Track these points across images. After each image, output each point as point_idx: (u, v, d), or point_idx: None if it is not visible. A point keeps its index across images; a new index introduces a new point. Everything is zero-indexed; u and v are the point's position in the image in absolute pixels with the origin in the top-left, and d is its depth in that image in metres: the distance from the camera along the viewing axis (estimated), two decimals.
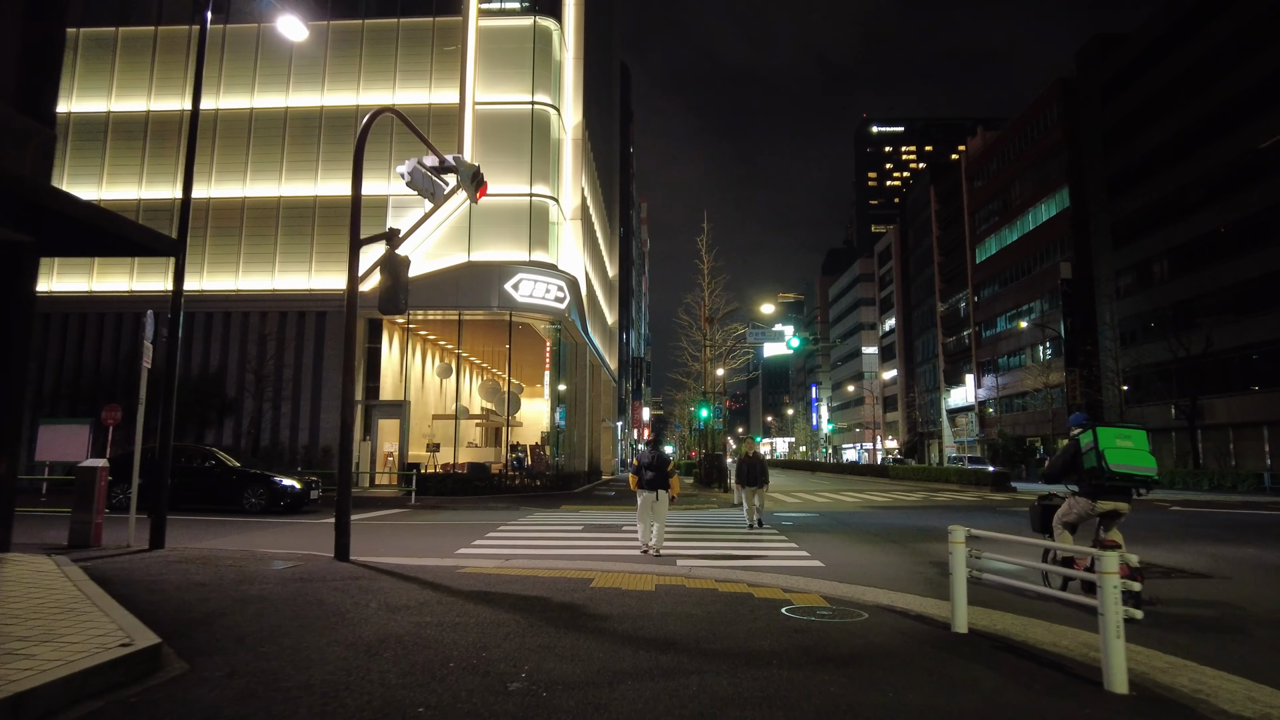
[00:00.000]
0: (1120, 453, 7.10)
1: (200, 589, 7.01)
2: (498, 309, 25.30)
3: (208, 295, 26.35)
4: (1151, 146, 45.52)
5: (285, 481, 17.17)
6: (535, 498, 23.53)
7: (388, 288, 9.49)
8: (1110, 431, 7.25)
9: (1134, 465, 7.08)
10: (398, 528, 14.77)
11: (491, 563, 9.60)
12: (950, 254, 77.47)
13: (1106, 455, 7.10)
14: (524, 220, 25.82)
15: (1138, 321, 46.84)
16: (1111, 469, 7.06)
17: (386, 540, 12.65)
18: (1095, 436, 7.25)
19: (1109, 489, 7.26)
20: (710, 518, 17.62)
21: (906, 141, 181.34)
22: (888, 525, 15.95)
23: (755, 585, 8.07)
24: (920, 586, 8.51)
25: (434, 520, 16.39)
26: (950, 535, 6.17)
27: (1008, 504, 23.08)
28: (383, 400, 26.74)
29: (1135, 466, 7.08)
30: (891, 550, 11.68)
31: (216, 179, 27.07)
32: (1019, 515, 18.61)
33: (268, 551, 10.03)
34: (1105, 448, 7.14)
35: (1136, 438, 7.25)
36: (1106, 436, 7.22)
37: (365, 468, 26.02)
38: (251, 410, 25.49)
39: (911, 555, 11.10)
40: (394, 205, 26.17)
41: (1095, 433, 7.28)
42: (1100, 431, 7.26)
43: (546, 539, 12.87)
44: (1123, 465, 7.07)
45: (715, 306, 34.59)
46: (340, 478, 9.42)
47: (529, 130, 26.15)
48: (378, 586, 7.46)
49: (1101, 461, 7.11)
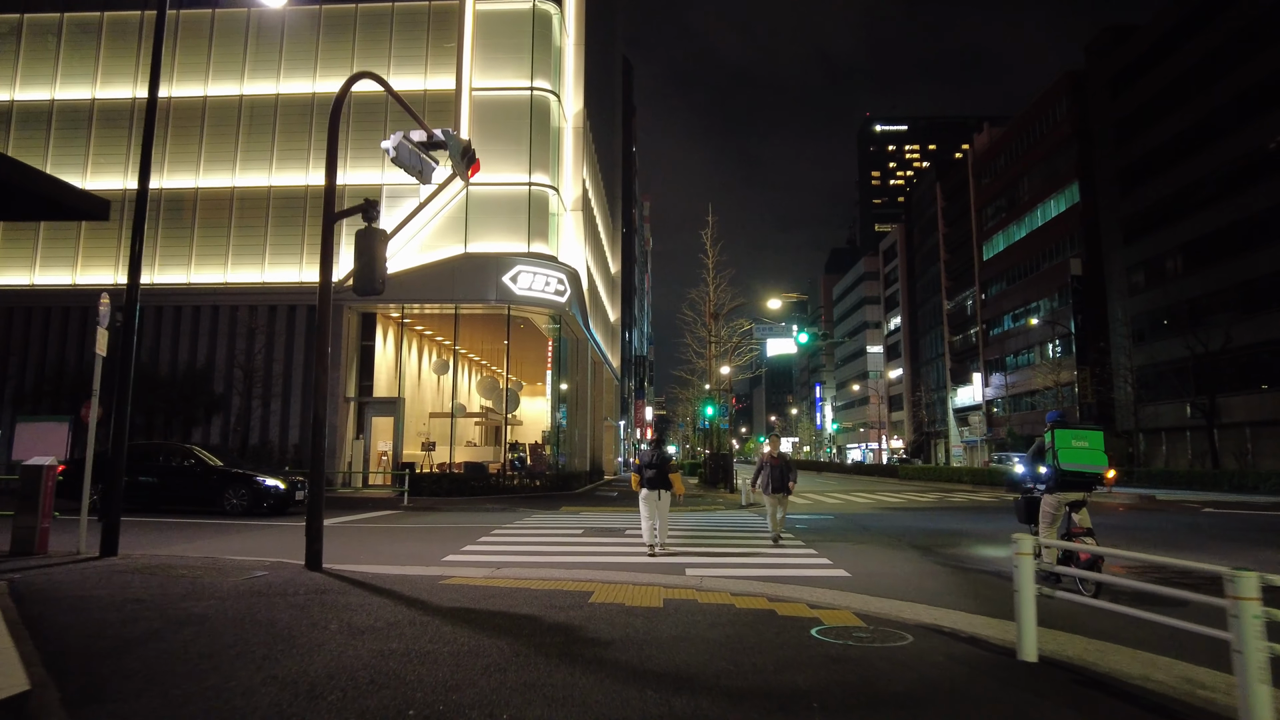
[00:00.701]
0: (1073, 452, 7.84)
1: (134, 607, 6.05)
2: (495, 302, 24.33)
3: (195, 288, 25.43)
4: (1164, 139, 44.46)
5: (268, 481, 16.22)
6: (534, 499, 22.58)
7: (363, 265, 8.55)
8: (1067, 433, 7.93)
9: (1084, 464, 7.82)
10: (385, 531, 13.82)
11: (480, 572, 8.65)
12: (956, 251, 76.44)
13: (1060, 455, 7.85)
14: (522, 210, 24.84)
15: (1151, 318, 45.81)
16: (1063, 467, 7.83)
17: (370, 545, 11.70)
18: (1054, 438, 7.95)
19: (1066, 484, 7.99)
20: (718, 520, 16.65)
21: (910, 140, 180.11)
22: (908, 528, 14.98)
23: (776, 600, 7.11)
24: (964, 600, 7.54)
25: (425, 523, 15.44)
26: (1015, 545, 5.19)
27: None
28: (376, 397, 25.79)
29: (1086, 465, 7.82)
30: (920, 557, 10.71)
31: (205, 168, 26.13)
32: None
33: (234, 559, 9.08)
34: (1060, 448, 7.87)
35: (1093, 438, 7.92)
36: (1063, 438, 7.91)
37: (358, 467, 25.08)
38: (240, 407, 24.56)
39: (943, 562, 10.13)
40: (387, 194, 25.20)
41: (1054, 434, 7.96)
42: (1058, 433, 7.93)
43: (543, 544, 11.91)
44: (1073, 464, 7.82)
45: (720, 302, 33.60)
46: (312, 477, 8.47)
47: (528, 117, 25.17)
48: (345, 602, 6.50)
49: (1055, 460, 7.88)
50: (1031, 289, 60.04)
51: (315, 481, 8.48)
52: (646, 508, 10.71)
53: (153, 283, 25.65)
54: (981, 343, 68.90)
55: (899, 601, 7.19)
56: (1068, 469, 7.85)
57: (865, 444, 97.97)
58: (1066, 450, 7.87)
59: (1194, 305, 40.86)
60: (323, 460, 8.60)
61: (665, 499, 10.72)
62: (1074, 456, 7.84)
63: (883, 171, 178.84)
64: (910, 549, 11.54)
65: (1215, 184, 40.15)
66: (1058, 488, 8.08)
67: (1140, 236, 46.88)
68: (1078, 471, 7.85)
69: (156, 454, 16.81)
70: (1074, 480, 7.94)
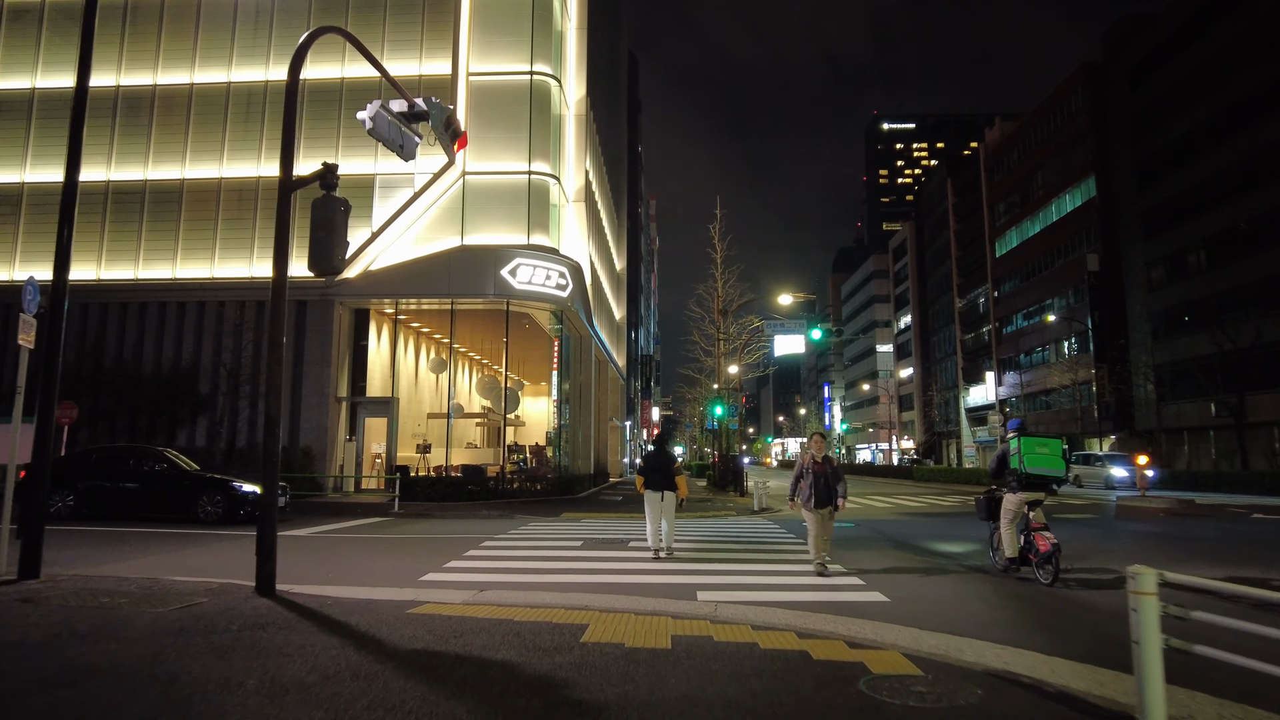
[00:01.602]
0: (1036, 458, 8.67)
1: (7, 654, 4.87)
2: (493, 297, 23.13)
3: (181, 284, 24.29)
4: (1186, 130, 43.06)
5: (245, 487, 15.06)
6: (534, 503, 21.40)
7: (320, 240, 7.38)
8: (1031, 441, 8.83)
9: (1046, 468, 8.68)
10: (366, 542, 12.64)
11: (460, 595, 7.47)
12: (968, 248, 75.06)
13: (1025, 460, 8.67)
14: (522, 200, 23.64)
15: (1172, 315, 44.41)
16: (1027, 471, 8.68)
17: (344, 560, 10.51)
18: (1020, 445, 8.79)
19: (1029, 485, 8.80)
20: (730, 529, 15.43)
21: (918, 138, 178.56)
22: (939, 537, 13.73)
23: (807, 635, 5.90)
24: (1031, 635, 6.31)
25: (412, 532, 14.26)
26: (1133, 582, 3.95)
27: (1057, 509, 20.80)
28: (370, 397, 24.62)
29: (1047, 469, 8.68)
30: (961, 574, 9.47)
31: (191, 159, 25.01)
32: (1108, 527, 16.38)
33: (177, 580, 7.91)
34: (1025, 454, 8.70)
35: (1052, 446, 8.84)
36: (1028, 445, 8.77)
37: (350, 471, 23.93)
38: (227, 408, 23.44)
39: (992, 583, 8.89)
40: (380, 185, 24.05)
41: (1020, 442, 8.82)
42: (1024, 441, 8.81)
43: (538, 558, 10.71)
44: (1036, 468, 8.65)
45: (729, 297, 32.43)
46: (265, 484, 7.31)
47: (527, 102, 23.97)
48: (284, 642, 5.31)
49: (1020, 464, 8.72)
50: (1046, 286, 58.67)
51: (269, 490, 7.32)
52: (651, 510, 10.52)
53: (137, 278, 24.58)
54: (994, 341, 67.51)
55: (954, 637, 5.97)
56: (1032, 472, 8.69)
57: (875, 444, 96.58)
58: (1031, 456, 8.71)
59: (1220, 300, 39.42)
60: (275, 465, 7.44)
61: (670, 500, 10.49)
62: (1037, 461, 8.68)
63: (890, 170, 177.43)
64: (947, 563, 10.31)
65: (1241, 175, 38.75)
66: (1021, 488, 8.86)
67: (1161, 231, 45.47)
68: (1040, 475, 8.71)
69: (126, 458, 15.68)
70: (1036, 482, 8.78)
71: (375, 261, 23.62)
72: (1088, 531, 14.96)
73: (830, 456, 9.56)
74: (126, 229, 24.81)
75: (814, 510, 9.23)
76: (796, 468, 9.65)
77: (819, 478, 9.30)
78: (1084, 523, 17.03)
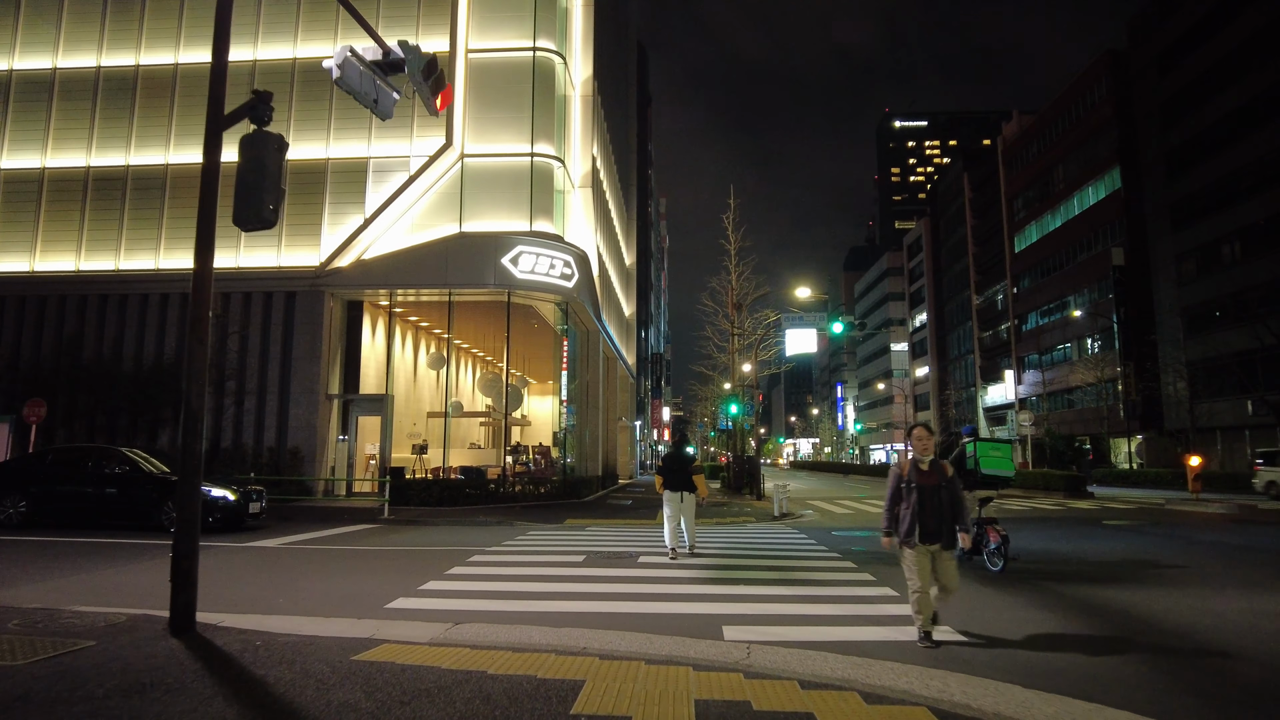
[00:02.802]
0: (990, 460, 9.56)
1: None
2: (494, 287, 21.59)
3: (165, 274, 22.84)
4: (1219, 116, 41.23)
5: (214, 492, 13.63)
6: (537, 508, 19.91)
7: (248, 186, 5.90)
8: (986, 445, 9.71)
9: (998, 470, 9.56)
10: (341, 555, 11.17)
11: (428, 631, 5.99)
12: (986, 244, 73.27)
13: (981, 462, 9.55)
14: (524, 184, 22.10)
15: (1203, 309, 42.58)
16: (982, 471, 9.52)
17: (306, 578, 9.03)
18: (975, 448, 9.65)
19: (984, 484, 9.62)
20: (752, 539, 13.89)
21: (930, 136, 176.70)
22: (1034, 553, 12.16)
23: (877, 698, 4.39)
24: (1175, 698, 4.76)
25: (396, 543, 12.79)
26: None
27: (1102, 515, 19.16)
28: (364, 394, 23.13)
29: (999, 471, 9.57)
30: (1038, 599, 7.88)
31: (176, 143, 23.60)
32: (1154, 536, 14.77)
33: (81, 611, 6.44)
34: (981, 456, 9.58)
35: (1004, 449, 9.75)
36: (983, 449, 9.65)
37: (341, 473, 22.46)
38: (211, 407, 22.02)
39: (1080, 612, 7.30)
40: (374, 169, 22.54)
41: (976, 445, 9.68)
42: (979, 444, 9.67)
43: (531, 576, 9.21)
44: (991, 469, 9.53)
45: (744, 291, 30.90)
46: (180, 494, 5.84)
47: (530, 80, 22.44)
48: (162, 714, 3.83)
49: (975, 466, 9.57)
50: (1068, 281, 56.90)
51: (187, 496, 5.84)
52: (670, 509, 10.52)
53: (118, 269, 23.20)
54: (1014, 338, 65.70)
55: (1077, 702, 4.44)
56: (986, 473, 9.50)
57: (889, 444, 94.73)
58: (986, 458, 9.54)
59: (1258, 293, 37.55)
60: (196, 468, 5.96)
61: (689, 501, 10.58)
62: (991, 464, 9.52)
63: (902, 168, 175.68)
64: (1023, 585, 8.73)
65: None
66: (976, 486, 9.60)
67: (1191, 222, 43.65)
68: (992, 475, 9.53)
69: (85, 459, 14.26)
70: (990, 481, 9.60)
71: (369, 250, 22.17)
72: (1147, 543, 13.34)
73: (943, 463, 6.20)
74: (107, 217, 23.43)
75: (918, 545, 5.96)
76: (892, 481, 6.26)
77: (931, 494, 6.00)
78: (1133, 532, 15.40)
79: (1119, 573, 9.66)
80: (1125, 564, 10.47)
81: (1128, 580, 9.10)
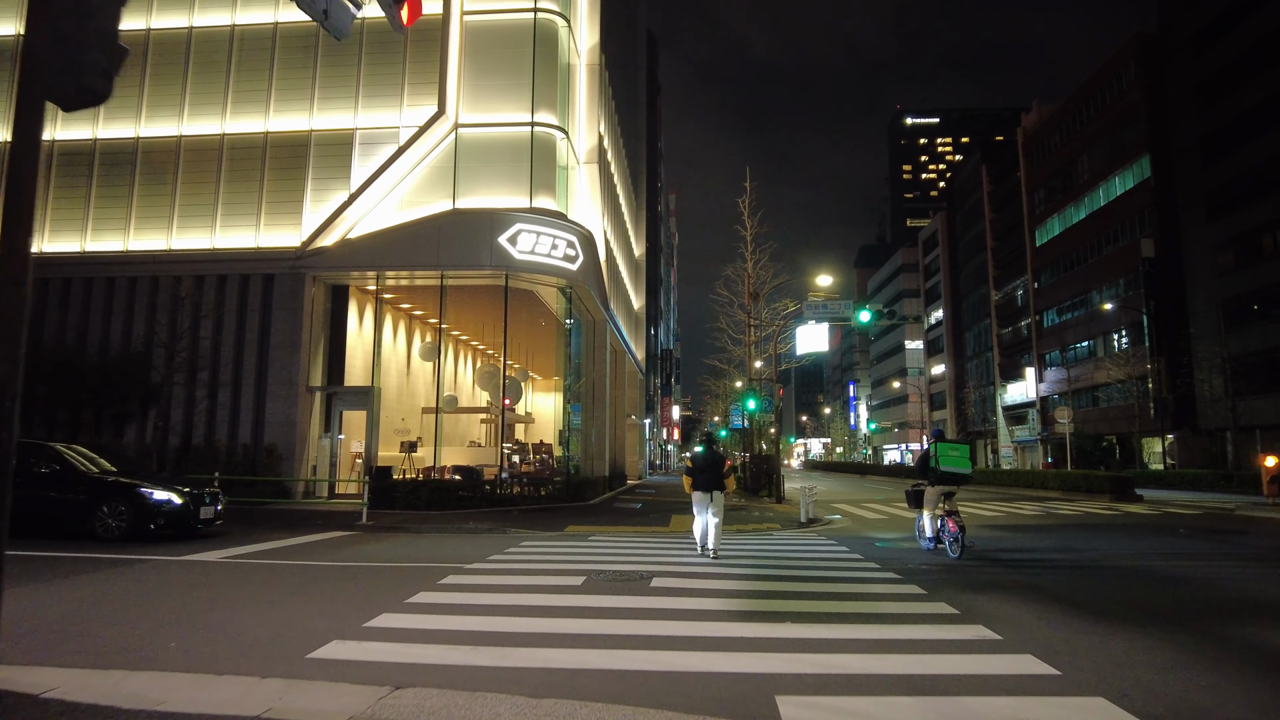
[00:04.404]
0: (949, 459, 10.92)
1: None
2: (490, 269, 19.67)
3: (134, 256, 21.01)
4: (1261, 98, 39.00)
5: (157, 495, 11.71)
6: (537, 512, 17.97)
7: (66, 33, 3.92)
8: (945, 445, 11.03)
9: (955, 468, 10.87)
10: (291, 572, 9.24)
11: (353, 700, 4.06)
12: (1005, 238, 70.97)
13: (940, 461, 10.94)
14: (524, 156, 20.16)
15: (1242, 302, 40.36)
16: (941, 469, 10.94)
17: (222, 607, 7.06)
18: (936, 449, 11.02)
19: (943, 480, 11.03)
20: (781, 550, 11.91)
21: (942, 133, 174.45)
22: (1084, 565, 10.12)
23: None
24: None
25: (363, 557, 10.85)
26: None
27: (1165, 520, 17.11)
28: (349, 387, 21.22)
29: (956, 469, 10.87)
30: (1191, 643, 5.87)
31: (147, 115, 21.78)
32: (1247, 548, 12.73)
33: None
34: (940, 456, 10.94)
35: (962, 450, 11.09)
36: (943, 449, 10.98)
37: (324, 473, 20.56)
38: (183, 400, 20.17)
39: (1259, 666, 5.33)
40: (361, 140, 20.67)
41: (936, 446, 11.03)
42: (939, 445, 11.01)
43: (513, 607, 7.22)
44: (948, 468, 10.89)
45: (761, 279, 28.88)
46: None
47: (530, 44, 20.49)
48: None
49: (935, 464, 10.99)
50: (1093, 275, 54.66)
51: None
52: (699, 509, 10.78)
53: (84, 250, 21.38)
54: (1035, 335, 63.45)
55: None
56: (944, 470, 10.89)
57: (904, 444, 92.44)
58: (945, 458, 10.89)
59: None
60: (3, 455, 4.03)
61: (719, 500, 10.74)
62: (950, 462, 10.88)
63: (914, 165, 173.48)
64: (1144, 618, 6.71)
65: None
66: (937, 482, 11.05)
67: (1229, 211, 41.45)
68: (951, 472, 10.89)
69: None
70: (948, 478, 10.95)
71: (354, 229, 20.28)
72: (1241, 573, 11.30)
73: None
74: (73, 196, 21.62)
75: None
76: None
77: None
78: (1229, 544, 13.34)
79: (1250, 601, 7.66)
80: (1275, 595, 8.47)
81: (1257, 608, 7.09)
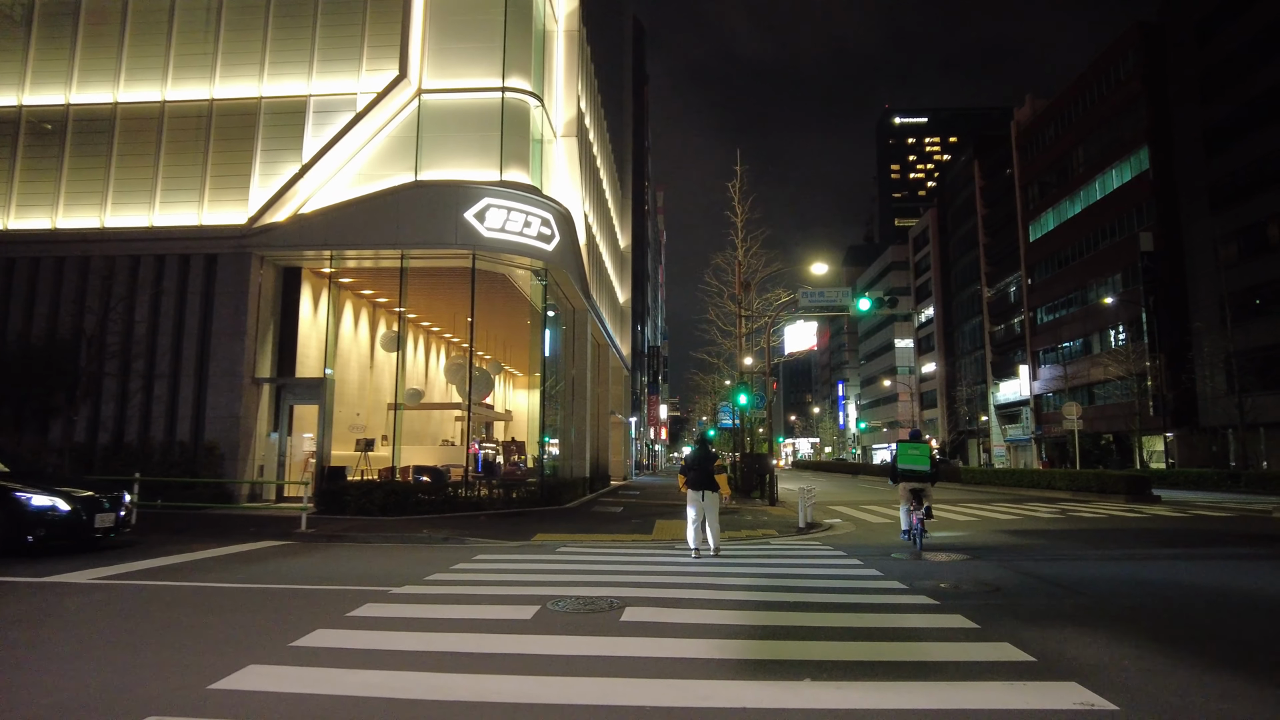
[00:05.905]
0: (907, 458, 11.76)
1: None
2: (456, 247, 17.78)
3: (63, 235, 19.01)
4: (1268, 86, 37.71)
5: (36, 500, 9.78)
6: (504, 517, 16.13)
7: None
8: (905, 446, 11.97)
9: (913, 465, 11.63)
10: (171, 601, 7.38)
11: None
12: (997, 234, 69.65)
13: (899, 460, 11.84)
14: (493, 125, 18.30)
15: (1246, 297, 39.01)
16: (899, 468, 11.76)
17: (51, 655, 5.18)
18: (898, 450, 12.03)
19: (904, 477, 11.71)
20: (783, 564, 10.13)
21: (930, 132, 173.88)
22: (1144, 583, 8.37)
23: None
24: None
25: (283, 575, 8.98)
26: None
27: (1195, 524, 15.46)
28: (300, 378, 19.27)
29: (913, 467, 11.62)
30: None
31: (79, 81, 19.77)
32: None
33: None
34: (900, 455, 11.89)
35: (922, 449, 11.85)
36: (903, 450, 11.93)
37: (272, 473, 18.59)
38: (116, 393, 18.20)
39: None
40: (315, 108, 18.73)
41: (898, 447, 12.06)
42: (900, 446, 12.03)
43: (433, 655, 5.36)
44: (906, 465, 11.70)
45: (752, 268, 27.17)
46: None
47: (501, 2, 18.72)
48: None
49: (895, 464, 11.89)
50: (1089, 270, 53.38)
51: None
52: (693, 509, 10.56)
53: (6, 229, 19.37)
54: (1029, 332, 62.14)
55: None
56: (903, 468, 11.72)
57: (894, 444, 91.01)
58: (905, 456, 11.81)
59: None
60: None
61: (711, 499, 10.62)
62: (908, 460, 11.74)
63: (903, 165, 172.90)
64: (1242, 659, 4.98)
65: None
66: (899, 480, 11.84)
67: (1232, 203, 40.15)
68: (909, 470, 11.65)
69: None
70: (908, 475, 11.66)
71: (307, 203, 18.34)
72: None
73: None
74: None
75: None
76: None
77: None
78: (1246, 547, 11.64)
79: None
80: None
81: None
